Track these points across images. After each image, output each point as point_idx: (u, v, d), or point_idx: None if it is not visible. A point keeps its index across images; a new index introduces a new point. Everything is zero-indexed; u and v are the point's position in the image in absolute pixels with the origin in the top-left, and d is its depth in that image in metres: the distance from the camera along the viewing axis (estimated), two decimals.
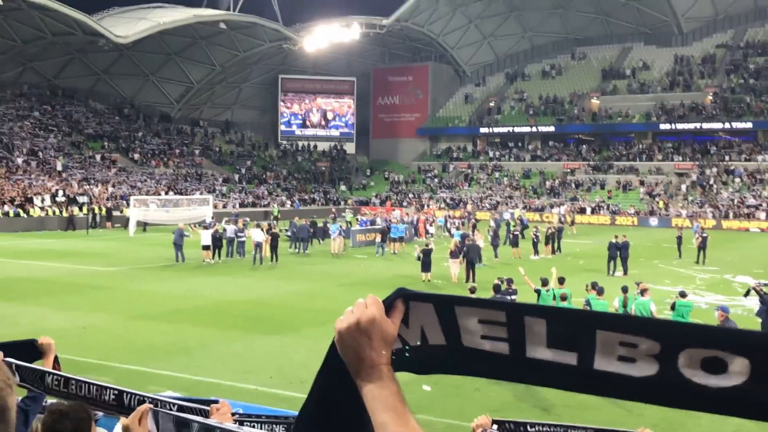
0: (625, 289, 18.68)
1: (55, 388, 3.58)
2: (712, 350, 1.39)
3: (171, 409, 3.46)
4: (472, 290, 18.00)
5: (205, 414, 3.56)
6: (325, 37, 77.71)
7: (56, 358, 4.19)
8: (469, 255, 29.92)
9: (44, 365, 3.96)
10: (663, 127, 75.98)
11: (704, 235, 37.07)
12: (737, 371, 1.38)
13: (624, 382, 1.48)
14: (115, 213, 56.56)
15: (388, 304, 1.62)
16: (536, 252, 38.26)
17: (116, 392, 3.52)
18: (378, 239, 39.83)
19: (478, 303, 1.60)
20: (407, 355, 1.65)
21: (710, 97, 76.17)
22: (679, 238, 38.42)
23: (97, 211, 56.09)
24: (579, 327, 1.51)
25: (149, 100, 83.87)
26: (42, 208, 54.35)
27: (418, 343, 1.64)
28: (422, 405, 13.07)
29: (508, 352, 1.57)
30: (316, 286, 27.91)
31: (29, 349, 4.00)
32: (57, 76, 76.72)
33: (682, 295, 18.81)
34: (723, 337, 1.41)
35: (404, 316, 1.62)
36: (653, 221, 63.60)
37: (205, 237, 34.64)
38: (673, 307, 18.40)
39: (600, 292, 17.76)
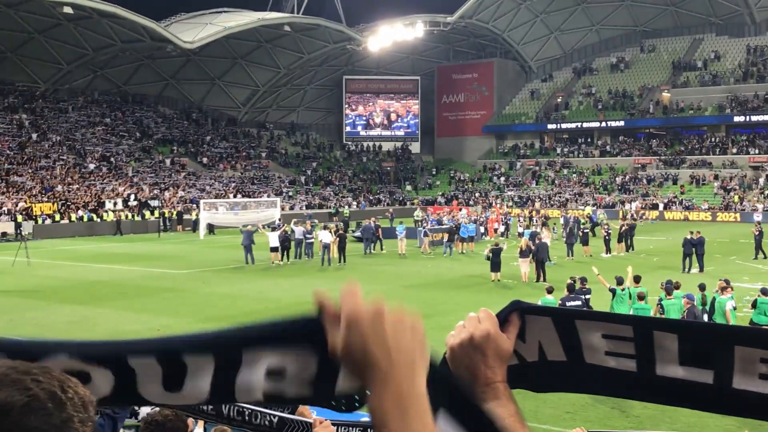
0: (702, 287, 18.13)
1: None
2: None
3: (272, 423, 3.35)
4: (550, 290, 17.65)
5: (308, 428, 3.45)
6: (389, 36, 77.74)
7: None
8: (539, 254, 29.48)
9: None
10: (737, 119, 73.91)
11: (760, 228, 36.20)
12: None
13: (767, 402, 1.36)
14: (186, 216, 57.45)
15: (503, 318, 1.49)
16: (608, 250, 37.48)
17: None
18: (445, 239, 39.58)
19: (601, 317, 1.46)
20: (524, 371, 1.52)
21: None
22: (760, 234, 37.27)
23: (167, 214, 57.10)
24: (715, 342, 1.39)
25: (216, 104, 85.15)
26: (114, 212, 55.53)
27: (536, 359, 1.52)
28: None
29: (636, 369, 1.43)
30: (384, 287, 27.79)
31: None
32: (126, 82, 78.42)
33: (764, 292, 18.17)
34: None
35: (520, 331, 1.50)
36: (757, 216, 56.43)
37: (273, 239, 34.81)
38: (754, 305, 17.82)
39: (668, 291, 17.21)
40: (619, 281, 17.99)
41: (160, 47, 70.06)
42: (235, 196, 63.51)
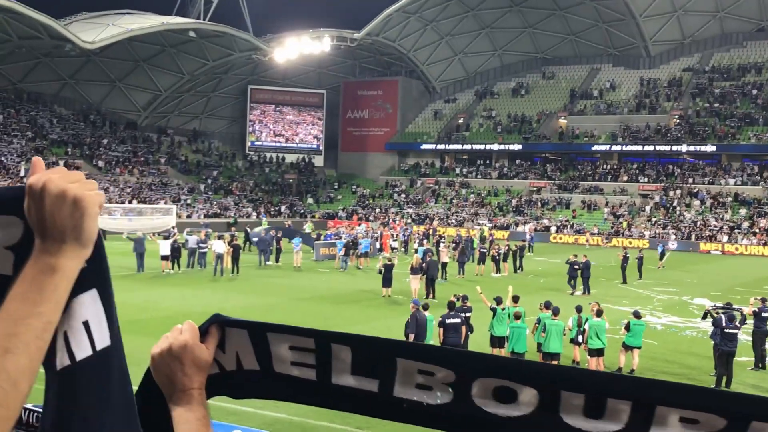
0: (579, 309, 18.82)
1: None
2: (503, 380, 1.45)
3: None
4: (425, 307, 17.95)
5: None
6: (296, 48, 77.77)
7: None
8: (429, 271, 29.94)
9: None
10: (628, 148, 76.71)
11: (626, 254, 37.63)
12: (526, 401, 1.44)
13: (422, 409, 1.53)
14: None
15: (204, 330, 1.64)
16: (498, 270, 38.38)
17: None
18: (341, 253, 39.77)
19: (289, 330, 1.62)
20: (224, 380, 1.68)
21: (675, 120, 77.13)
22: (640, 259, 38.64)
23: None
24: (381, 355, 1.55)
25: (116, 107, 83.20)
26: None
27: (234, 368, 1.67)
28: (325, 413, 12.93)
29: (315, 378, 1.61)
30: (276, 299, 27.73)
31: None
32: (22, 80, 75.89)
33: (636, 315, 19.04)
34: (514, 368, 1.47)
35: (220, 342, 1.65)
36: (672, 244, 59.11)
37: (164, 247, 34.40)
38: (627, 328, 18.58)
39: (555, 312, 17.79)
40: (498, 301, 18.48)
41: (58, 46, 68.11)
42: (130, 202, 62.16)
